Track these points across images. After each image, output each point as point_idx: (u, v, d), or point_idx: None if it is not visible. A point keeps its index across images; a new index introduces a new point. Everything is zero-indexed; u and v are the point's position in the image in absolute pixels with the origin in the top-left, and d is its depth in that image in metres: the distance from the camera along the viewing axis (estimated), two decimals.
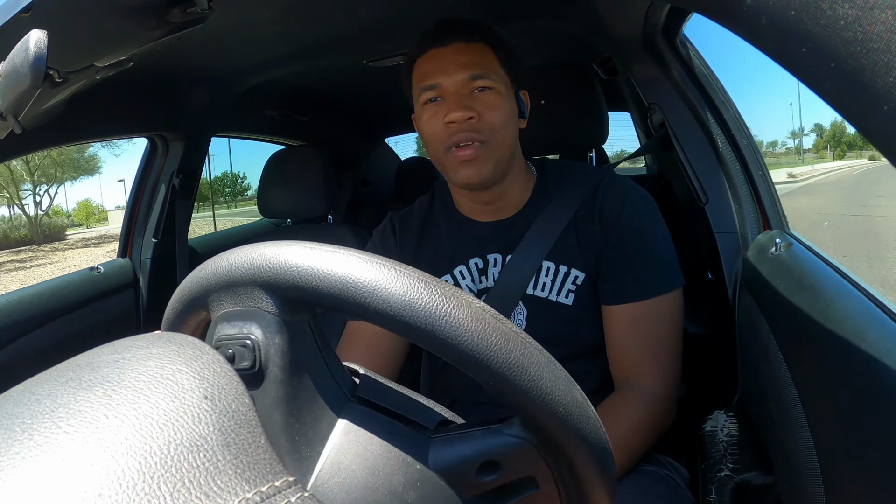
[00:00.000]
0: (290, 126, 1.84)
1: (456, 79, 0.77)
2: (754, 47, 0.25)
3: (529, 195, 0.86)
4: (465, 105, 0.76)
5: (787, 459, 0.57)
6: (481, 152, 0.76)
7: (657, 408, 0.75)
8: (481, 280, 0.85)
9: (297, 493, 0.21)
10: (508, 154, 0.80)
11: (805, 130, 50.01)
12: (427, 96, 0.79)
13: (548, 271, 0.82)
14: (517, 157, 0.84)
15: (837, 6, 0.20)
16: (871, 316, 0.49)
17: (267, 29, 0.98)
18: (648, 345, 0.77)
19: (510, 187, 0.84)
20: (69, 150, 18.17)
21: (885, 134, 0.20)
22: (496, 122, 0.77)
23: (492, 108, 0.77)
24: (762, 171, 0.92)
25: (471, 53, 0.78)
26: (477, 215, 0.87)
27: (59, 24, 0.55)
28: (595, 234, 0.81)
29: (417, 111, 0.83)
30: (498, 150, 0.78)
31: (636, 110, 1.68)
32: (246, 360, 0.30)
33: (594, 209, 0.81)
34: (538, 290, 0.82)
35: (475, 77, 0.77)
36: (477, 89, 0.77)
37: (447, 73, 0.77)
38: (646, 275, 0.78)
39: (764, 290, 0.73)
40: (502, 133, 0.78)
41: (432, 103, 0.79)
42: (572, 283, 0.81)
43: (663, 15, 0.86)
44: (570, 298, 0.81)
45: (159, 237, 1.45)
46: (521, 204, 0.86)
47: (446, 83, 0.77)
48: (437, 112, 0.78)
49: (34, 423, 0.21)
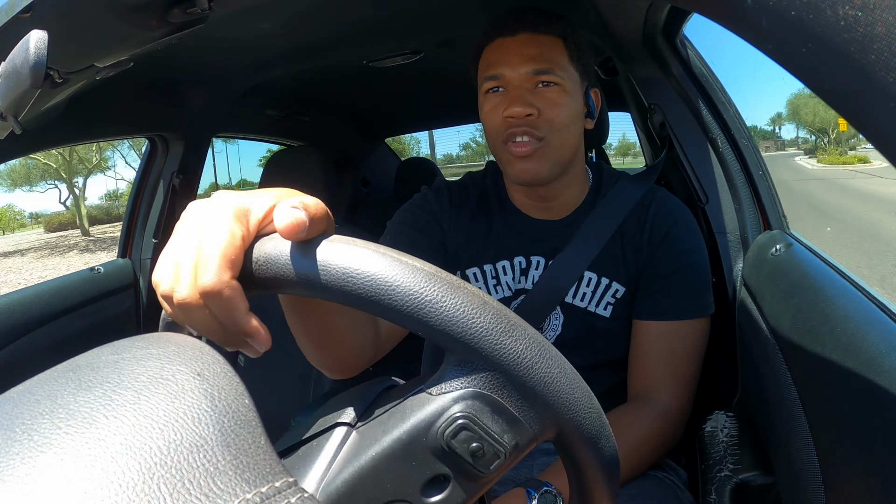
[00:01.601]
0: (290, 126, 1.84)
1: (519, 72, 0.74)
2: (754, 47, 0.25)
3: (583, 200, 0.84)
4: (526, 100, 0.73)
5: (787, 459, 0.57)
6: (538, 149, 0.74)
7: (668, 423, 0.75)
8: (520, 280, 0.83)
9: (296, 494, 0.21)
10: (569, 154, 0.77)
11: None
12: (489, 86, 0.77)
13: (589, 282, 0.81)
14: (578, 158, 0.81)
15: (837, 6, 0.20)
16: (871, 316, 0.49)
17: (267, 29, 0.98)
18: (671, 363, 0.76)
19: (567, 188, 0.82)
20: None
21: (885, 134, 0.20)
22: (557, 121, 0.74)
23: (554, 105, 0.74)
24: (762, 171, 0.92)
25: (539, 45, 0.74)
26: (529, 210, 0.85)
27: (59, 24, 0.55)
28: (641, 249, 0.79)
29: (480, 99, 0.80)
30: (557, 149, 0.75)
31: (636, 110, 1.68)
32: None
33: (643, 224, 0.80)
34: (577, 300, 0.81)
35: (540, 71, 0.74)
36: (541, 83, 0.74)
37: (511, 65, 0.74)
38: (683, 296, 0.77)
39: (764, 290, 0.73)
40: (563, 132, 0.75)
41: (494, 93, 0.77)
42: (612, 296, 0.80)
43: (663, 15, 0.86)
44: (609, 311, 0.80)
45: (159, 237, 1.45)
46: (573, 207, 0.84)
47: (509, 75, 0.75)
48: (498, 104, 0.76)
49: (34, 424, 0.21)
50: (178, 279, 0.32)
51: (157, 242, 1.45)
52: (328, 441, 0.32)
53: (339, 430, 0.32)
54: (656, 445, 0.74)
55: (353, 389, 0.36)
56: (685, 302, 0.77)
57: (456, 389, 0.30)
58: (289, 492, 0.21)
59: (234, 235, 0.31)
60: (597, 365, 0.80)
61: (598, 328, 0.80)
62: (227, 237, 0.31)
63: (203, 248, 0.31)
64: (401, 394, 0.33)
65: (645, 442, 0.72)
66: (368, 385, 0.36)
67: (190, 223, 0.33)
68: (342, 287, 0.29)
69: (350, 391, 0.36)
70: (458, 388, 0.30)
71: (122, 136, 1.31)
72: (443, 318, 0.28)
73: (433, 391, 0.30)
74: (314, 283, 0.30)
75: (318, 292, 0.30)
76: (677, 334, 0.76)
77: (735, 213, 0.94)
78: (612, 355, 0.81)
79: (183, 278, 0.31)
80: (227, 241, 0.31)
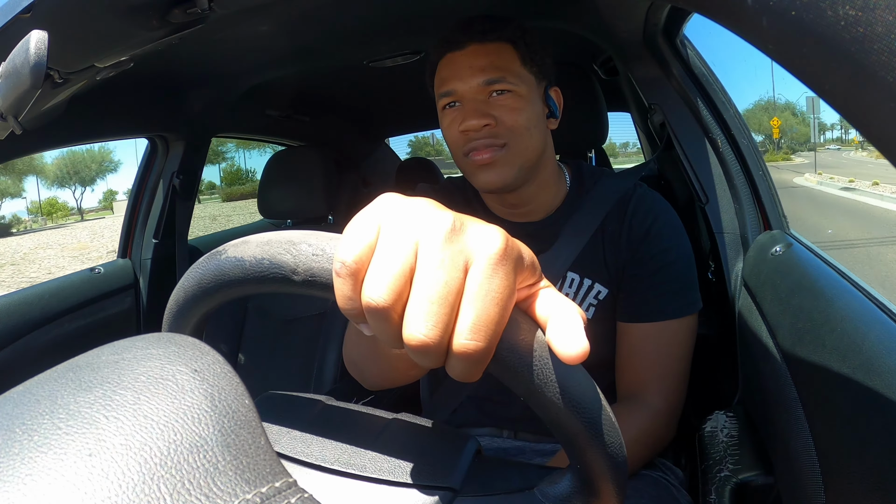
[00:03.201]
0: (291, 126, 1.84)
1: (471, 84, 0.74)
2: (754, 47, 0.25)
3: (561, 201, 0.83)
4: (481, 112, 0.73)
5: (787, 460, 0.57)
6: (500, 156, 0.73)
7: (659, 423, 0.75)
8: None
9: (296, 494, 0.21)
10: (534, 157, 0.77)
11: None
12: (444, 101, 0.77)
13: (571, 282, 0.80)
14: (546, 160, 0.80)
15: (838, 6, 0.19)
16: (871, 316, 0.49)
17: (267, 29, 0.98)
18: (659, 363, 0.76)
19: (539, 192, 0.81)
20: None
21: (885, 134, 0.20)
22: (517, 125, 0.74)
23: (511, 111, 0.73)
24: (762, 171, 0.92)
25: (487, 55, 0.74)
26: (506, 215, 0.85)
27: (59, 24, 0.55)
28: (622, 249, 0.79)
29: (439, 115, 0.80)
30: (521, 153, 0.75)
31: (636, 110, 1.68)
32: None
33: (623, 223, 0.79)
34: None
35: (491, 81, 0.73)
36: (495, 92, 0.74)
37: (462, 79, 0.74)
38: (667, 296, 0.76)
39: (764, 291, 0.73)
40: (525, 136, 0.74)
41: (451, 108, 0.77)
42: (594, 297, 0.80)
43: (664, 15, 0.86)
44: (591, 313, 0.80)
45: (160, 238, 1.45)
46: (551, 209, 0.83)
47: (462, 89, 0.75)
48: (454, 118, 0.76)
49: (34, 424, 0.21)
50: (434, 317, 0.24)
51: (157, 243, 1.45)
52: (431, 502, 0.31)
53: (445, 492, 0.31)
54: (648, 446, 0.74)
55: (423, 435, 0.36)
56: (670, 302, 0.76)
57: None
58: (289, 492, 0.21)
59: (513, 294, 0.25)
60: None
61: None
62: (509, 297, 0.25)
63: (483, 299, 0.24)
64: (504, 477, 0.33)
65: (636, 442, 0.72)
66: (447, 437, 0.35)
67: (446, 246, 0.25)
68: (558, 420, 0.27)
69: (420, 435, 0.36)
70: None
71: (122, 136, 1.31)
72: (605, 457, 0.29)
73: (546, 500, 0.31)
74: (538, 399, 0.27)
75: (535, 401, 0.27)
76: (664, 334, 0.76)
77: (735, 213, 0.94)
78: (597, 358, 0.80)
79: (438, 321, 0.24)
80: (508, 302, 0.25)
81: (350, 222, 0.27)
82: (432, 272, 0.24)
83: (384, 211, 0.27)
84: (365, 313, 0.25)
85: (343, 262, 0.25)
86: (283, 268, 0.29)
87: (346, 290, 0.25)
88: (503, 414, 0.85)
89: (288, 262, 0.28)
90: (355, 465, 0.33)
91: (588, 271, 0.80)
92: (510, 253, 0.25)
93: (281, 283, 0.29)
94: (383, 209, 0.27)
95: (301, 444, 0.35)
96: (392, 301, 0.24)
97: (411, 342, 0.24)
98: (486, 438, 0.85)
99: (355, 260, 0.25)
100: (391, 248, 0.25)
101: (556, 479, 0.32)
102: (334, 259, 0.26)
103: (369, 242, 0.25)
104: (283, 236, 0.29)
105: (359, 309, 0.25)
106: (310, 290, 0.28)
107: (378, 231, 0.26)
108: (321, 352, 1.28)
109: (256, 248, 0.30)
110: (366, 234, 0.26)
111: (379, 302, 0.24)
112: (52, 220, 32.20)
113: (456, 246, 0.25)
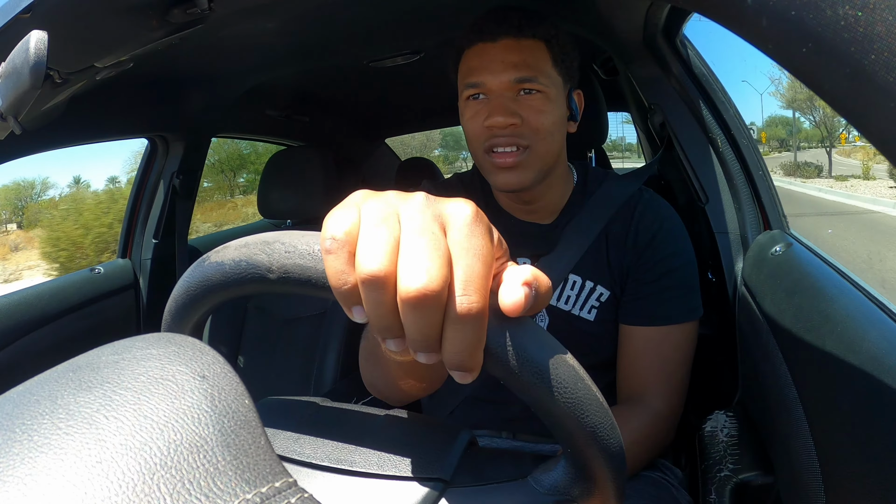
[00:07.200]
0: (291, 126, 1.84)
1: (501, 80, 0.71)
2: (754, 47, 0.25)
3: (567, 201, 0.83)
4: (509, 109, 0.71)
5: (788, 459, 0.57)
6: (523, 158, 0.72)
7: (660, 425, 0.75)
8: None
9: (296, 494, 0.21)
10: (553, 160, 0.76)
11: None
12: (470, 93, 0.74)
13: (573, 285, 0.80)
14: (560, 161, 0.80)
15: (838, 6, 0.19)
16: (871, 316, 0.49)
17: (267, 29, 0.98)
18: (661, 367, 0.76)
19: (549, 191, 0.81)
20: None
21: (885, 134, 0.20)
22: (542, 128, 0.72)
23: (538, 112, 0.72)
24: (762, 172, 0.92)
25: (521, 52, 0.72)
26: (514, 211, 0.84)
27: (59, 24, 0.55)
28: (627, 253, 0.78)
29: (461, 105, 0.77)
30: (542, 156, 0.73)
31: (636, 110, 1.68)
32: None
33: (628, 227, 0.78)
34: (561, 303, 0.80)
35: (523, 79, 0.71)
36: (524, 91, 0.72)
37: (492, 73, 0.72)
38: (671, 301, 0.76)
39: (764, 290, 0.73)
40: (548, 139, 0.73)
41: (475, 100, 0.74)
42: (596, 299, 0.80)
43: (663, 15, 0.86)
44: (593, 314, 0.80)
45: (160, 238, 1.45)
46: (557, 209, 0.83)
47: (491, 83, 0.72)
48: (479, 111, 0.73)
49: (34, 424, 0.21)
50: (436, 275, 0.24)
51: (157, 243, 1.45)
52: (422, 493, 0.31)
53: (436, 483, 0.31)
54: (648, 448, 0.74)
55: (415, 429, 0.36)
56: (673, 307, 0.76)
57: (566, 499, 0.31)
58: (289, 492, 0.21)
59: (492, 257, 0.27)
60: (584, 367, 0.79)
61: (582, 331, 0.80)
62: (490, 255, 0.26)
63: (467, 255, 0.26)
64: (496, 466, 0.33)
65: (636, 444, 0.72)
66: (438, 430, 0.35)
67: (424, 211, 0.27)
68: (533, 385, 0.28)
69: (412, 430, 0.36)
70: (567, 495, 0.31)
71: (122, 136, 1.31)
72: (602, 447, 0.29)
73: (540, 488, 0.31)
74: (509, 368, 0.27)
75: (511, 380, 0.28)
76: (666, 339, 0.76)
77: (735, 213, 0.94)
78: (598, 358, 0.81)
79: (433, 269, 0.25)
80: (490, 260, 0.26)
81: (329, 213, 0.28)
82: (418, 234, 0.26)
83: (360, 197, 0.28)
84: (360, 287, 0.26)
85: (333, 237, 0.26)
86: (259, 268, 0.29)
87: (339, 265, 0.26)
88: (501, 415, 0.85)
89: (263, 261, 0.29)
90: (345, 460, 0.33)
91: (590, 274, 0.80)
92: (482, 218, 0.27)
93: (259, 283, 0.30)
94: (358, 197, 0.29)
95: (293, 443, 0.35)
96: (388, 267, 0.25)
97: (409, 294, 0.25)
98: (485, 439, 0.85)
99: (346, 232, 0.26)
100: (376, 221, 0.26)
101: (549, 466, 0.32)
102: (322, 239, 0.27)
103: (354, 220, 0.27)
104: (259, 238, 0.30)
105: (352, 284, 0.26)
106: (285, 287, 0.29)
107: (359, 212, 0.27)
108: (321, 352, 1.28)
109: (235, 252, 0.31)
110: (349, 215, 0.27)
111: (377, 269, 0.25)
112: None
113: (433, 211, 0.27)
